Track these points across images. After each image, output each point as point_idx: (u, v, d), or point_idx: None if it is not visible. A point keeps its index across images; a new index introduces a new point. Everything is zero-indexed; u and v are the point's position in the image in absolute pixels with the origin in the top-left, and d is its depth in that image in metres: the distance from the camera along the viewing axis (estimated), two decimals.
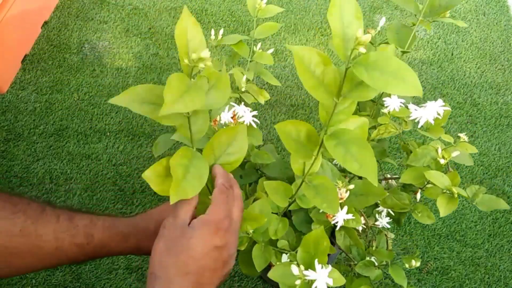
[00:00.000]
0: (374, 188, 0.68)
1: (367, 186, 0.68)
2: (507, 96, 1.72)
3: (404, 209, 0.79)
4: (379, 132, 0.75)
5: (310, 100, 1.66)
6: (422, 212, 0.78)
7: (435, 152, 0.73)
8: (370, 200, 0.68)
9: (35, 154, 1.47)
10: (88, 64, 1.70)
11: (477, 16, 1.97)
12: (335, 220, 0.67)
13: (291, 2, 1.97)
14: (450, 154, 0.73)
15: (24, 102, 1.58)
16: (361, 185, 0.69)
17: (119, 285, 1.25)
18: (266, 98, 0.92)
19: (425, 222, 0.77)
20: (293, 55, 0.44)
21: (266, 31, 0.93)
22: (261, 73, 0.97)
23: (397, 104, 0.74)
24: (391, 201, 0.80)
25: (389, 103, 0.74)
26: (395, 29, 0.78)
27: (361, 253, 0.78)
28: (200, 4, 1.92)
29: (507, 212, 1.44)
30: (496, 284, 1.31)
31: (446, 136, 0.75)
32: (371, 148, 0.47)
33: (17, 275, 0.45)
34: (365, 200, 0.68)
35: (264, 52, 0.94)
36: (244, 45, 0.92)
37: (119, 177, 1.44)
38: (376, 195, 0.67)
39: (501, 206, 0.70)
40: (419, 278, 1.30)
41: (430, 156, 0.73)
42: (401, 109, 0.74)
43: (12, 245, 0.42)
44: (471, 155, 0.77)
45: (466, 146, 0.75)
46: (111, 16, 1.85)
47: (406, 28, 0.77)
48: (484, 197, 0.72)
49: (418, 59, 1.81)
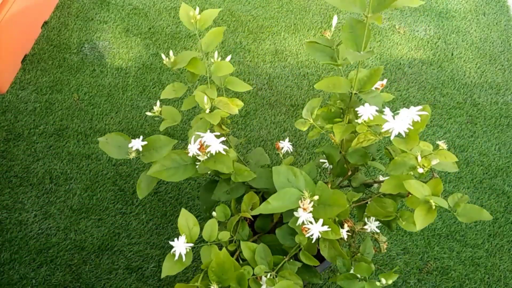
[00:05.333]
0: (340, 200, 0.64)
1: (334, 197, 0.65)
2: (507, 96, 1.72)
3: (389, 217, 0.76)
4: (359, 140, 0.71)
5: (310, 100, 1.66)
6: (408, 219, 0.74)
7: (414, 160, 0.68)
8: (335, 210, 0.64)
9: (35, 154, 1.47)
10: (88, 64, 1.70)
11: (477, 16, 1.97)
12: (310, 232, 0.65)
13: (291, 2, 1.97)
14: (430, 162, 0.67)
15: (24, 102, 1.58)
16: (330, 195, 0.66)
17: (119, 285, 1.25)
18: (240, 106, 0.87)
19: (410, 230, 0.73)
20: None
21: (214, 39, 0.87)
22: (227, 82, 0.90)
23: (370, 112, 0.70)
24: (375, 210, 0.77)
25: (362, 112, 0.70)
26: (349, 27, 0.71)
27: (346, 264, 0.76)
28: (200, 4, 1.92)
29: (507, 212, 1.44)
30: (496, 284, 1.31)
31: (424, 143, 0.70)
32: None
33: None
34: (331, 210, 0.65)
35: (222, 61, 0.88)
36: (198, 63, 0.86)
37: (119, 177, 1.44)
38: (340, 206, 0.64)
39: (483, 217, 0.65)
40: (419, 278, 1.30)
41: (410, 164, 0.68)
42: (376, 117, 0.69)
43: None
44: (471, 155, 0.75)
45: (445, 154, 0.70)
46: (111, 16, 1.85)
47: (360, 24, 0.70)
48: (466, 207, 0.67)
49: (418, 59, 1.81)
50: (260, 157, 0.98)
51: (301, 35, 1.86)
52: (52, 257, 1.28)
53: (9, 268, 1.26)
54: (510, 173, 1.52)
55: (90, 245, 1.31)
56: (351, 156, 0.82)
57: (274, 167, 0.68)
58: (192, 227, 0.74)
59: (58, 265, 1.27)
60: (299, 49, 1.82)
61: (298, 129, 1.60)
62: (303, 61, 1.78)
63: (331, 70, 1.75)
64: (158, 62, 1.72)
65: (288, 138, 0.99)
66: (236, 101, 0.87)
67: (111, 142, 0.78)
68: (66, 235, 1.33)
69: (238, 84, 0.91)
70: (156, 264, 1.29)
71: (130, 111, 1.59)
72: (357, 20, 0.70)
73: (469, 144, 1.58)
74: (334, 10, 1.95)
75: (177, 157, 0.76)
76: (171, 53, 0.88)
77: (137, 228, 1.35)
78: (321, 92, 1.69)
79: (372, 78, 0.74)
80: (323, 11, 1.95)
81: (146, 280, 1.27)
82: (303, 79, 1.72)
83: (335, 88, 0.76)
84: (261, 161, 0.98)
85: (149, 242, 1.33)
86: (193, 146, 0.72)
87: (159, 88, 1.65)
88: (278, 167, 0.68)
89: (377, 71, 0.73)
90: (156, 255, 1.31)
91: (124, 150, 0.77)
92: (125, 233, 1.34)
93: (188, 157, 0.75)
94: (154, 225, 1.36)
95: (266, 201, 0.64)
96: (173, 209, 1.39)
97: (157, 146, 0.78)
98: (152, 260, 1.30)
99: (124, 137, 0.78)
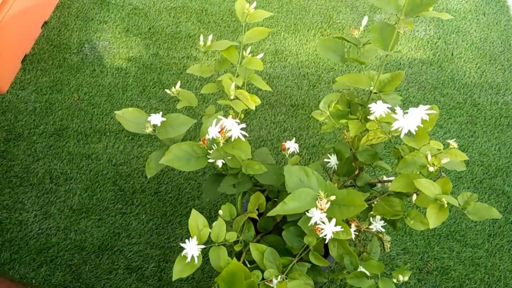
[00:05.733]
0: (356, 200, 0.65)
1: (350, 197, 0.65)
2: (507, 96, 1.72)
3: (397, 216, 0.76)
4: (368, 138, 0.72)
5: (310, 100, 1.66)
6: (415, 218, 0.74)
7: (424, 159, 0.69)
8: (351, 211, 0.65)
9: (35, 154, 1.47)
10: (88, 64, 1.70)
11: (477, 16, 1.97)
12: (324, 233, 0.65)
13: (291, 2, 1.97)
14: (440, 161, 0.68)
15: (24, 102, 1.58)
16: (345, 195, 0.66)
17: (119, 285, 1.25)
18: (257, 103, 0.90)
19: (418, 229, 0.73)
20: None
21: (255, 36, 0.91)
22: (251, 78, 0.95)
23: (383, 109, 0.71)
24: (383, 209, 0.77)
25: (375, 109, 0.71)
26: (379, 29, 0.75)
27: (354, 262, 0.76)
28: (200, 4, 1.92)
29: (507, 212, 1.44)
30: (496, 284, 1.31)
31: (434, 142, 0.71)
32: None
33: None
34: (347, 210, 0.65)
35: (254, 57, 0.92)
36: (234, 51, 0.90)
37: (119, 177, 1.44)
38: (358, 207, 0.64)
39: (493, 216, 0.67)
40: (419, 278, 1.30)
41: (420, 163, 0.69)
42: (388, 114, 0.71)
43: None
44: (471, 155, 0.75)
45: (455, 153, 0.70)
46: (111, 16, 1.85)
47: (389, 27, 0.74)
48: (476, 206, 0.68)
49: (418, 59, 1.81)
50: (265, 157, 0.98)
51: (301, 35, 1.86)
52: (52, 257, 1.28)
53: (9, 268, 1.26)
54: (510, 173, 1.52)
55: (90, 245, 1.31)
56: (361, 155, 0.83)
57: (286, 167, 0.68)
58: (202, 228, 0.74)
59: (58, 265, 1.27)
60: (299, 49, 1.82)
61: (298, 129, 1.61)
62: (303, 61, 1.78)
63: (331, 70, 1.75)
64: (158, 62, 1.72)
65: (294, 138, 0.99)
66: (255, 98, 0.90)
67: (128, 116, 0.77)
68: (66, 235, 1.33)
69: (260, 82, 0.95)
70: (156, 264, 1.29)
71: None
72: (387, 23, 0.75)
73: (469, 144, 1.58)
74: (334, 10, 1.95)
75: (189, 149, 0.75)
76: (210, 37, 0.93)
77: (137, 228, 1.35)
78: (321, 92, 1.69)
79: (393, 80, 0.79)
80: (323, 11, 1.95)
81: (146, 280, 1.27)
82: (303, 79, 1.72)
83: (356, 83, 0.79)
84: (266, 160, 0.98)
85: (149, 242, 1.33)
86: (214, 128, 0.71)
87: (159, 88, 1.65)
88: (290, 166, 0.68)
89: (398, 75, 0.78)
90: (156, 255, 1.31)
91: (141, 125, 0.77)
92: (125, 233, 1.34)
93: (200, 149, 0.75)
94: (154, 225, 1.36)
95: (282, 202, 0.64)
96: (173, 209, 1.39)
97: (175, 124, 0.77)
98: (152, 260, 1.30)
99: (140, 113, 0.78)
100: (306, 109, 1.64)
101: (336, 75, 1.74)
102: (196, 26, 1.84)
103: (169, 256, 1.31)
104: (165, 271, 1.28)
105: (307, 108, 1.64)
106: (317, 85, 1.71)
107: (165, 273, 1.28)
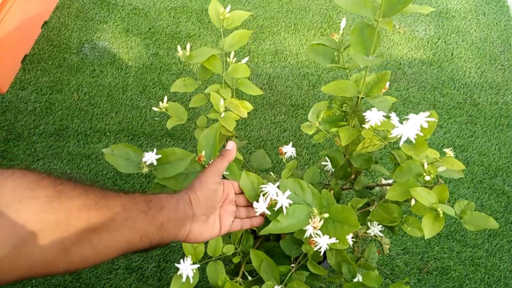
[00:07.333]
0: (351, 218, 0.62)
1: (344, 213, 0.63)
2: (507, 96, 1.72)
3: (394, 223, 0.74)
4: (364, 145, 0.70)
5: (310, 100, 1.66)
6: (413, 224, 0.73)
7: (421, 167, 0.67)
8: (345, 229, 0.62)
9: (35, 154, 1.47)
10: (88, 64, 1.70)
11: (477, 16, 1.97)
12: (318, 246, 0.63)
13: (291, 2, 1.97)
14: (436, 169, 0.67)
15: (24, 102, 1.58)
16: (339, 211, 0.64)
17: (119, 285, 1.25)
18: (249, 109, 0.84)
19: (416, 235, 0.71)
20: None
21: (237, 42, 0.84)
22: (240, 85, 0.88)
23: (378, 117, 0.68)
24: (380, 216, 0.75)
25: (370, 117, 0.68)
26: (358, 30, 0.69)
27: (351, 270, 0.75)
28: (200, 4, 1.92)
29: (507, 212, 1.44)
30: (496, 284, 1.31)
31: (431, 150, 0.69)
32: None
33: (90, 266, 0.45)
34: (341, 228, 0.63)
35: (239, 64, 0.85)
36: (216, 60, 0.83)
37: (119, 177, 1.44)
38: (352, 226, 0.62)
39: (490, 226, 0.64)
40: (419, 278, 1.30)
41: (416, 171, 0.67)
42: (383, 122, 0.68)
43: (91, 220, 0.43)
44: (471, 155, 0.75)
45: (452, 161, 0.68)
46: (111, 16, 1.85)
47: (369, 28, 0.68)
48: (473, 215, 0.66)
49: (418, 59, 1.81)
50: (262, 160, 0.96)
51: (301, 35, 1.86)
52: None
53: None
54: (510, 173, 1.52)
55: None
56: (355, 160, 0.80)
57: (281, 180, 0.66)
58: (196, 246, 0.72)
59: None
60: (299, 49, 1.82)
61: (298, 129, 1.61)
62: (303, 61, 1.78)
63: (331, 70, 1.75)
64: (158, 62, 1.72)
65: (291, 143, 0.98)
66: (245, 104, 0.85)
67: (117, 154, 0.69)
68: None
69: (250, 87, 0.88)
70: (156, 264, 1.29)
71: (130, 111, 1.59)
72: (367, 24, 0.68)
73: (469, 144, 1.58)
74: (334, 10, 1.95)
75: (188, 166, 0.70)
76: (188, 46, 0.85)
77: None
78: (321, 92, 1.69)
79: (379, 82, 0.73)
80: (323, 11, 1.95)
81: (146, 280, 1.27)
82: (303, 79, 1.72)
83: (342, 92, 0.73)
84: (264, 164, 0.96)
85: None
86: (263, 204, 0.64)
87: (159, 88, 1.65)
88: (284, 180, 0.65)
89: (384, 76, 0.72)
90: (156, 255, 1.31)
91: (133, 163, 0.69)
92: None
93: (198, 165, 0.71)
94: None
95: (275, 220, 0.62)
96: None
97: (172, 160, 0.68)
98: (152, 260, 1.30)
99: (132, 149, 0.68)
100: (306, 109, 1.64)
101: (336, 75, 1.74)
102: (196, 26, 1.84)
103: (169, 256, 1.31)
104: (165, 271, 1.28)
105: (307, 108, 1.64)
106: (317, 85, 1.71)
107: (165, 273, 1.28)
